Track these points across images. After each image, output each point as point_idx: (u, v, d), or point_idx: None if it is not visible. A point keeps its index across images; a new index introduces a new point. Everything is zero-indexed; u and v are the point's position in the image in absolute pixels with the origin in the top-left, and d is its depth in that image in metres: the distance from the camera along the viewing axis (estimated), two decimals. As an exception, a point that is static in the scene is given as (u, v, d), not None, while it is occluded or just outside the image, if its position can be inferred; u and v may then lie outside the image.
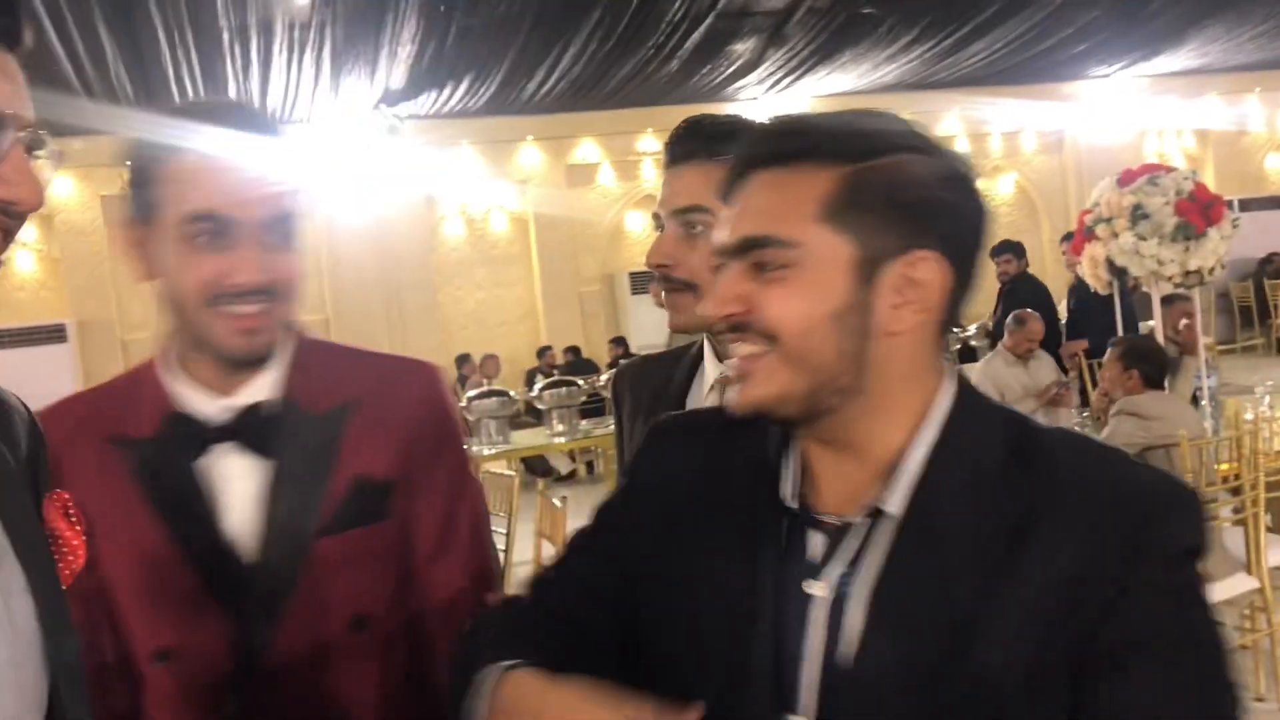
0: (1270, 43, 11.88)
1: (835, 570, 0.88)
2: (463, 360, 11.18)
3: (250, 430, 1.24)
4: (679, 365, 1.51)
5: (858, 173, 0.86)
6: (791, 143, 0.89)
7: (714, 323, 0.90)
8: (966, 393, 0.92)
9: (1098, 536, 0.83)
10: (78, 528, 1.14)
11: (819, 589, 0.88)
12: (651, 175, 12.42)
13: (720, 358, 1.42)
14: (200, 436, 1.24)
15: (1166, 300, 5.59)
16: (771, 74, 10.98)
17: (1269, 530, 4.01)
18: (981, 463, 0.88)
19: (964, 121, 12.89)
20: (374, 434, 1.27)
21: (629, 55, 9.54)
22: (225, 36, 8.05)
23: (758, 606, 0.90)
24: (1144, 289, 5.52)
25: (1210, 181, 7.13)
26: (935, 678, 0.82)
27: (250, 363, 1.24)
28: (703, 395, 1.46)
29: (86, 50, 7.74)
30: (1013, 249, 7.65)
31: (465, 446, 1.43)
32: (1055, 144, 13.74)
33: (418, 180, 11.42)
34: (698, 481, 0.99)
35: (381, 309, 11.64)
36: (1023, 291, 7.12)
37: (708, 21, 8.92)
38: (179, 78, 8.73)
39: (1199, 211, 4.69)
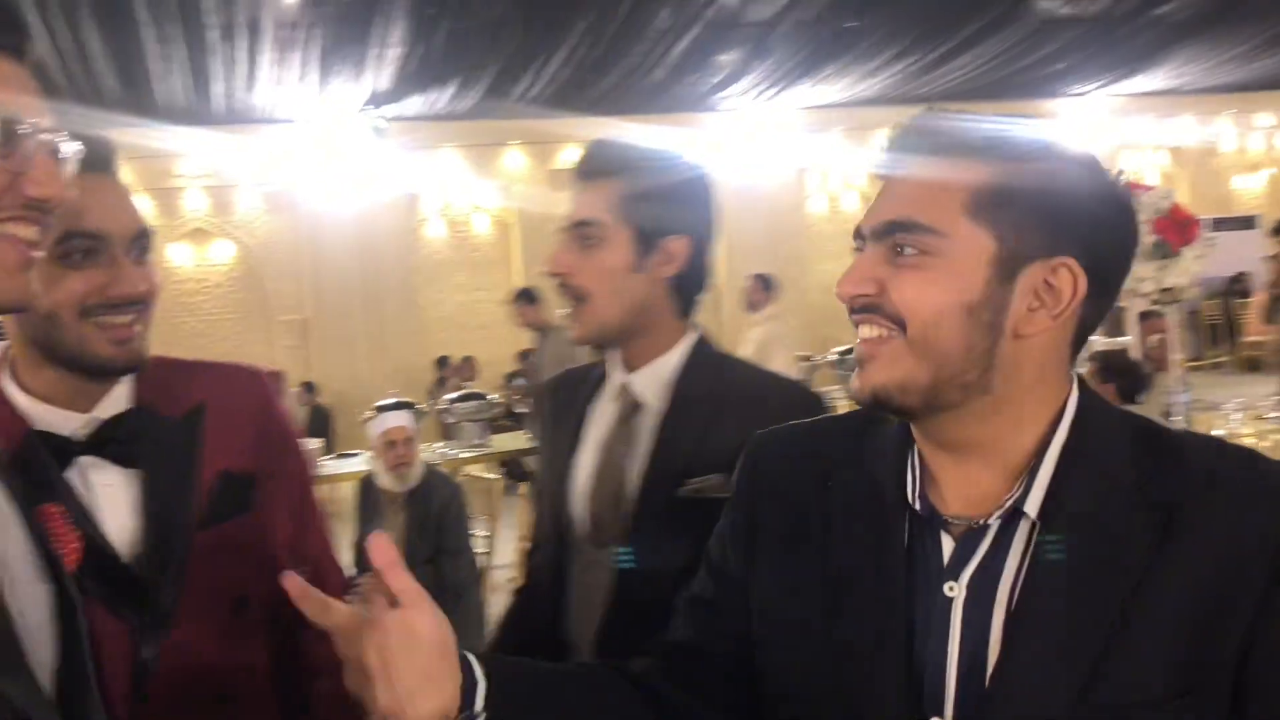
0: (1242, 65, 12.09)
1: (969, 572, 0.88)
2: (442, 363, 11.19)
3: (118, 442, 1.28)
4: (590, 376, 1.57)
5: (1011, 172, 0.87)
6: (948, 136, 0.90)
7: (843, 301, 0.91)
8: (1091, 398, 0.93)
9: (1245, 533, 0.83)
10: (75, 532, 1.18)
11: (957, 591, 0.88)
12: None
13: (625, 366, 1.48)
14: (65, 452, 1.26)
15: (1141, 317, 5.69)
16: (756, 85, 11.05)
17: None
18: (1117, 465, 0.88)
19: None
20: (228, 432, 1.36)
21: (616, 63, 9.60)
22: (212, 35, 8.04)
23: (890, 611, 0.90)
24: (1119, 304, 5.62)
25: (1183, 200, 7.24)
26: (1084, 680, 0.83)
27: (119, 373, 1.28)
28: (604, 403, 1.51)
29: (72, 46, 7.71)
30: None
31: (301, 443, 1.54)
32: (1033, 160, 13.85)
33: (401, 182, 11.42)
34: (810, 492, 0.99)
35: (361, 310, 11.63)
36: None
37: (694, 31, 8.98)
38: (165, 75, 8.71)
39: (1176, 230, 4.79)
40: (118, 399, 1.31)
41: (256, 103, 9.94)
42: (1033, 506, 0.88)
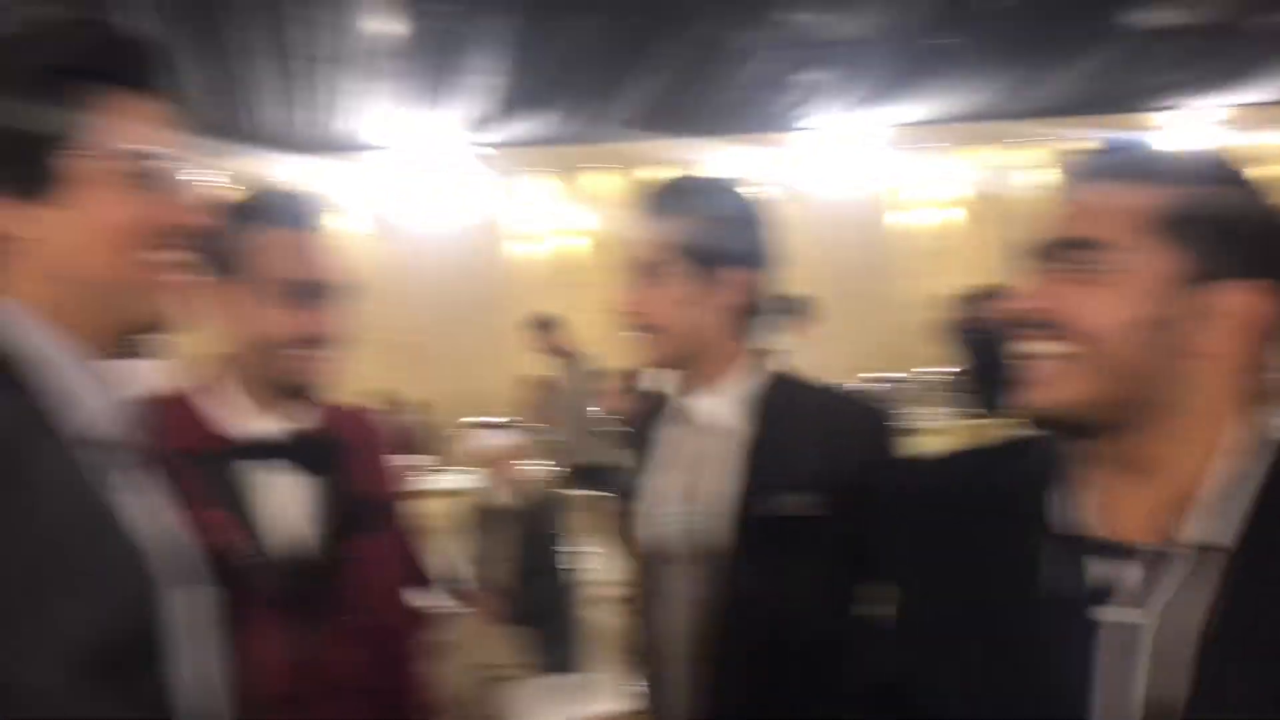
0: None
1: (1136, 597, 0.87)
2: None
3: (301, 449, 1.51)
4: (657, 402, 1.67)
5: (1191, 194, 0.87)
6: (1132, 160, 0.91)
7: (1020, 316, 0.91)
8: (1264, 430, 0.91)
9: None
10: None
11: (1130, 616, 0.87)
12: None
13: (686, 390, 1.59)
14: (262, 453, 1.49)
15: None
16: (852, 101, 10.99)
17: None
18: None
19: (1048, 152, 12.73)
20: (369, 459, 1.60)
21: (706, 84, 9.66)
22: (311, 63, 8.27)
23: (1051, 635, 0.88)
24: None
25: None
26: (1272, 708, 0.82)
27: (307, 393, 1.54)
28: (669, 426, 1.62)
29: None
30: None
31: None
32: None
33: (497, 207, 11.61)
34: (952, 523, 0.99)
35: (466, 329, 11.77)
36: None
37: (789, 50, 8.96)
38: (261, 103, 8.97)
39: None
40: (302, 414, 1.55)
41: (353, 129, 10.19)
42: (1202, 534, 0.87)
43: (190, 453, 1.35)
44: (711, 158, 11.66)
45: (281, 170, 10.23)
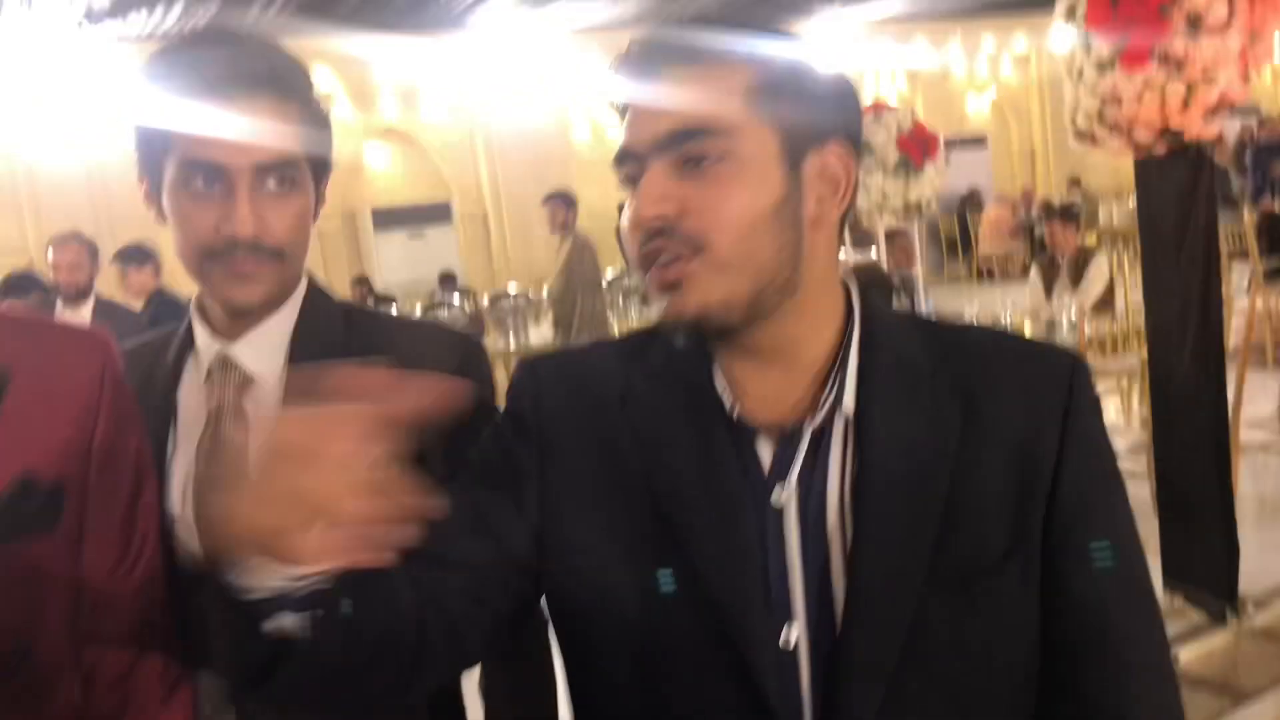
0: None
1: (795, 476, 0.86)
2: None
3: None
4: (165, 351, 1.22)
5: (773, 64, 0.85)
6: (705, 40, 0.85)
7: (641, 227, 0.83)
8: (865, 295, 0.93)
9: (1036, 399, 0.89)
10: None
11: (787, 494, 0.86)
12: (392, 105, 12.28)
13: (217, 332, 1.18)
14: None
15: (888, 238, 6.05)
16: (515, 2, 10.84)
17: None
18: (912, 357, 0.89)
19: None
20: (38, 419, 0.99)
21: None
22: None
23: (735, 523, 0.85)
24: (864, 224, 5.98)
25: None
26: (930, 561, 0.84)
27: None
28: (199, 384, 1.19)
29: None
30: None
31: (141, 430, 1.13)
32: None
33: (124, 106, 10.53)
34: (610, 414, 0.91)
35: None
36: None
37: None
38: None
39: (918, 147, 5.07)
40: None
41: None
42: (849, 404, 0.87)
43: None
44: (373, 52, 11.18)
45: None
